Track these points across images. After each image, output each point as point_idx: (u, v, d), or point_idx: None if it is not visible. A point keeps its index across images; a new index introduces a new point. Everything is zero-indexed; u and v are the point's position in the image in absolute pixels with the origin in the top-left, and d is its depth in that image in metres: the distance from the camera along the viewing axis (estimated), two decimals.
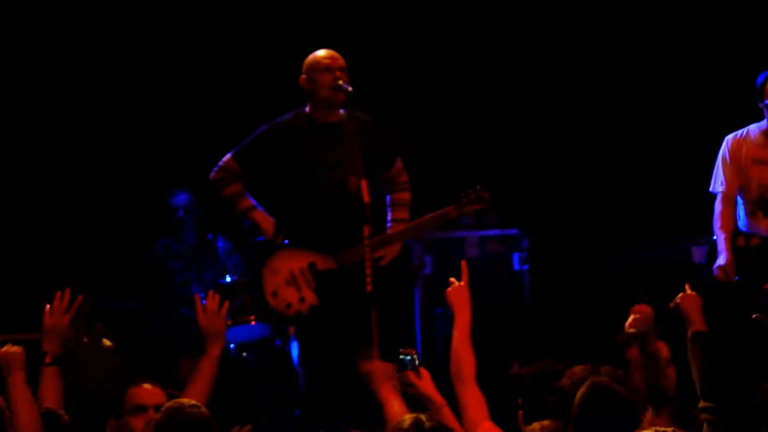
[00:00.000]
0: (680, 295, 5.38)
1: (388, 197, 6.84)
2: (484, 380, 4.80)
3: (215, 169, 6.70)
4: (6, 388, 4.75)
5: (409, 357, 4.91)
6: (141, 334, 8.50)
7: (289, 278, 6.56)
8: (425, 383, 4.89)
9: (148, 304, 8.62)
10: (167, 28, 9.37)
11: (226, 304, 5.47)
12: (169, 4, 9.35)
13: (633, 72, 9.46)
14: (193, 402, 4.35)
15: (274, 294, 6.57)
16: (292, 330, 7.33)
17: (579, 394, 4.29)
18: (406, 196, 6.83)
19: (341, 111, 6.57)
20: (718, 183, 7.36)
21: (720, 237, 7.24)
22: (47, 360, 5.19)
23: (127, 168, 9.36)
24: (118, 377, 5.76)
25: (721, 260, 7.17)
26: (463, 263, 5.08)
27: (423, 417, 3.14)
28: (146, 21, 9.33)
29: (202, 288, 8.12)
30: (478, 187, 6.61)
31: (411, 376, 4.88)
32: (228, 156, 6.68)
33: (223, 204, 6.78)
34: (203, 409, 4.29)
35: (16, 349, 4.87)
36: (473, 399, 4.74)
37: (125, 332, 8.27)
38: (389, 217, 6.80)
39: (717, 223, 7.30)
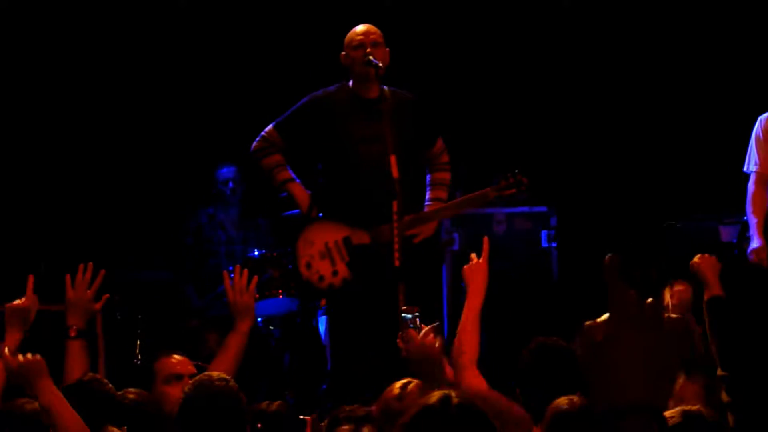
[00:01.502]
0: (698, 256, 5.27)
1: (428, 176, 6.87)
2: (510, 358, 4.79)
3: (257, 138, 6.74)
4: (34, 395, 4.52)
5: (410, 315, 4.91)
6: (172, 304, 8.55)
7: (324, 251, 6.60)
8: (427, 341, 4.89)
9: (187, 274, 8.66)
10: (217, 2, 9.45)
11: (255, 279, 5.42)
12: None
13: (665, 48, 9.43)
14: (223, 375, 4.35)
15: (308, 265, 6.61)
16: (323, 302, 7.37)
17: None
18: (445, 176, 6.86)
19: (384, 87, 6.61)
20: (751, 163, 7.30)
21: (753, 221, 7.18)
22: (71, 333, 5.18)
23: (168, 139, 9.43)
24: None
25: (755, 244, 7.12)
26: (485, 239, 5.02)
27: (452, 393, 3.13)
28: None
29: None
30: (517, 171, 6.62)
31: (413, 333, 4.88)
32: (270, 126, 6.72)
33: (262, 174, 6.81)
34: (232, 383, 4.30)
35: (35, 358, 4.60)
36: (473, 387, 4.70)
37: (157, 302, 8.35)
38: (427, 196, 6.83)
39: (750, 206, 7.23)
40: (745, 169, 7.30)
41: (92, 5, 9.31)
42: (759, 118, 7.32)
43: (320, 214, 6.69)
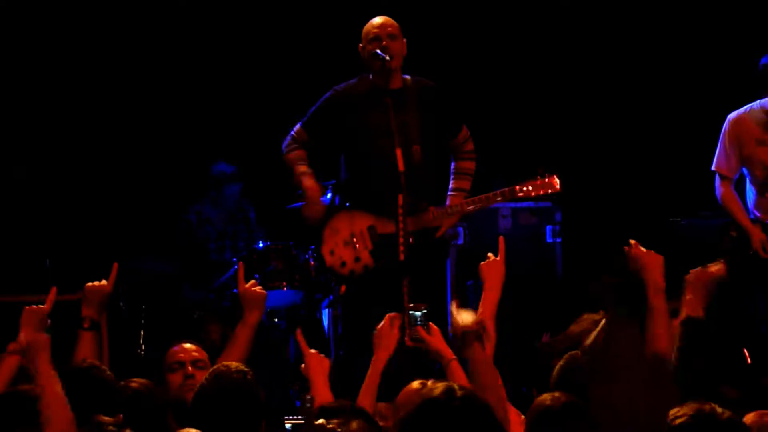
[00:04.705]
0: (692, 272, 4.87)
1: (452, 164, 6.92)
2: (515, 352, 4.80)
3: (287, 138, 6.84)
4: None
5: (419, 312, 4.91)
6: (173, 297, 8.56)
7: (348, 238, 6.70)
8: (435, 338, 4.88)
9: (182, 269, 8.67)
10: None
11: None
12: None
13: (671, 44, 9.42)
14: (241, 367, 4.33)
15: (332, 252, 6.73)
16: (342, 289, 7.41)
17: None
18: (470, 165, 6.93)
19: (407, 76, 6.70)
20: (717, 162, 7.28)
21: (738, 216, 7.16)
22: (85, 325, 5.20)
23: (171, 132, 9.44)
24: None
25: (756, 237, 7.10)
26: (501, 239, 5.04)
27: (455, 386, 3.13)
28: None
29: (234, 256, 8.17)
30: (546, 173, 6.69)
31: (421, 331, 4.88)
32: (298, 126, 6.83)
33: (286, 170, 6.86)
34: (250, 376, 4.27)
35: (41, 335, 4.57)
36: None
37: (158, 294, 8.35)
38: (450, 186, 6.89)
39: (727, 205, 7.20)
40: (712, 167, 7.28)
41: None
42: (727, 118, 7.28)
43: (347, 204, 6.80)
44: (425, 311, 4.92)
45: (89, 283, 5.28)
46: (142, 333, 8.02)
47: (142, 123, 9.43)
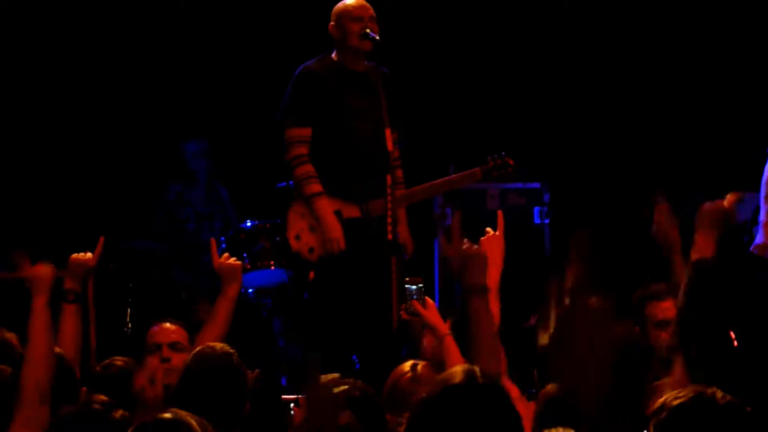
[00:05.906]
0: (707, 205, 4.80)
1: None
2: (502, 334, 4.79)
3: (288, 147, 6.58)
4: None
5: (414, 286, 4.91)
6: (162, 276, 8.55)
7: (314, 223, 6.58)
8: (430, 313, 4.88)
9: (169, 254, 8.66)
10: None
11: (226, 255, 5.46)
12: None
13: (656, 26, 9.41)
14: (226, 348, 4.33)
15: (297, 237, 6.62)
16: (311, 275, 7.37)
17: None
18: (399, 173, 6.77)
19: (367, 62, 6.62)
20: None
21: (765, 208, 6.95)
22: (69, 298, 5.20)
23: (152, 110, 9.41)
24: None
25: (759, 239, 6.88)
26: (500, 213, 5.03)
27: (476, 370, 3.11)
28: None
29: (212, 235, 8.13)
30: (503, 153, 6.64)
31: (416, 305, 4.88)
32: (291, 127, 6.57)
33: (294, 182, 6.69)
34: (235, 357, 4.27)
35: (45, 269, 4.67)
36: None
37: (147, 274, 8.34)
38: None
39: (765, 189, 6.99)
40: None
41: None
42: None
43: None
44: (421, 285, 4.93)
45: (74, 255, 5.27)
46: (129, 311, 8.02)
47: (121, 100, 9.39)
